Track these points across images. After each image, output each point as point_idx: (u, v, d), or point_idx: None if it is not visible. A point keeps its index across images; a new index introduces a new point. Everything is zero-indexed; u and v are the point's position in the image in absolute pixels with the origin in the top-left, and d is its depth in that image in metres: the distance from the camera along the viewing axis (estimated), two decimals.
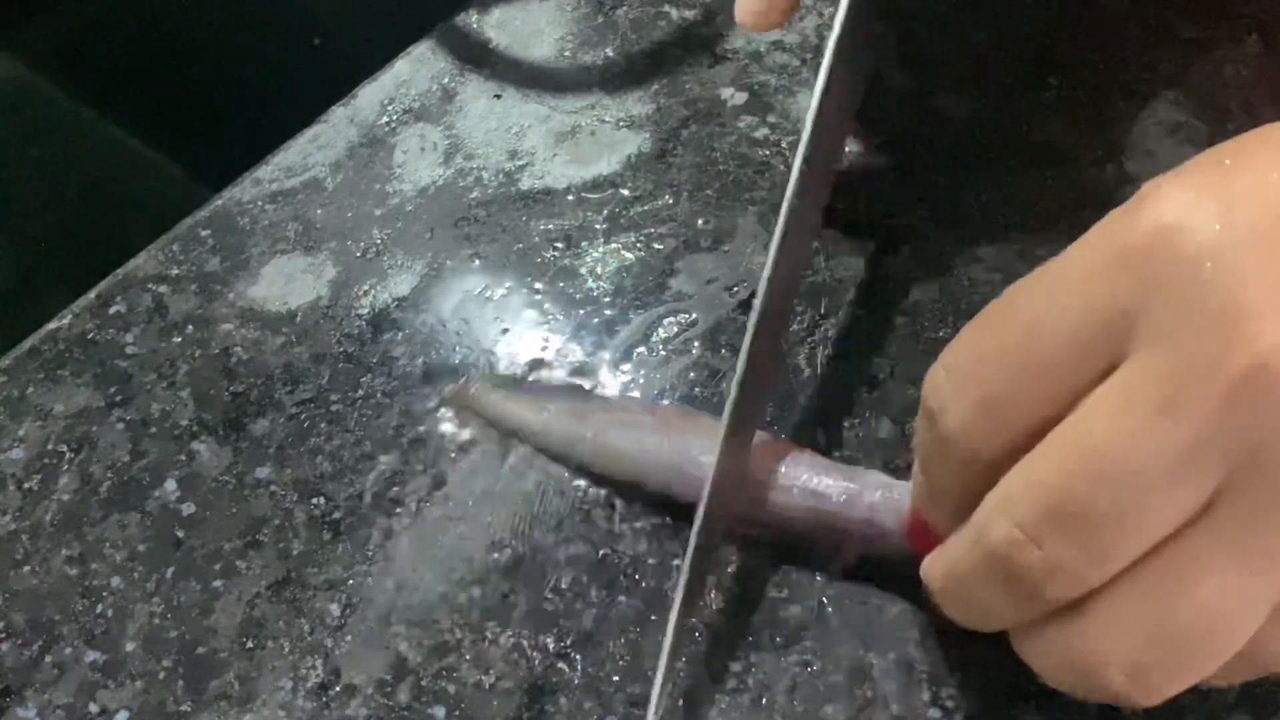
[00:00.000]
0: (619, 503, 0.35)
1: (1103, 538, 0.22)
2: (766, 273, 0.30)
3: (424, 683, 0.32)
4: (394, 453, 0.37)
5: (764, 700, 0.32)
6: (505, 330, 0.39)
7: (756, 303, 0.30)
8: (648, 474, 0.34)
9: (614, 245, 0.41)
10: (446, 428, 0.37)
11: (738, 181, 0.43)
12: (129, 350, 0.39)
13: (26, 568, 0.35)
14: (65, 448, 0.37)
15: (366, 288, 0.41)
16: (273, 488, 0.36)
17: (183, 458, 0.37)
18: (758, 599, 0.33)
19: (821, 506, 0.32)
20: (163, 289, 0.41)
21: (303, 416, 0.38)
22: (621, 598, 0.33)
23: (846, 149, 0.43)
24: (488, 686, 0.32)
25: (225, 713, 0.32)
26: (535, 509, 0.35)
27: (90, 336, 0.40)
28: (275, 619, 0.34)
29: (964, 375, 0.25)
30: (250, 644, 0.33)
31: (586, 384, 0.38)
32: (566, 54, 0.47)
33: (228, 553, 0.35)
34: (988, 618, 0.26)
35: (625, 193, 0.43)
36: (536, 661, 0.33)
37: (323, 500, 0.36)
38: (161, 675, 0.33)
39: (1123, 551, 0.22)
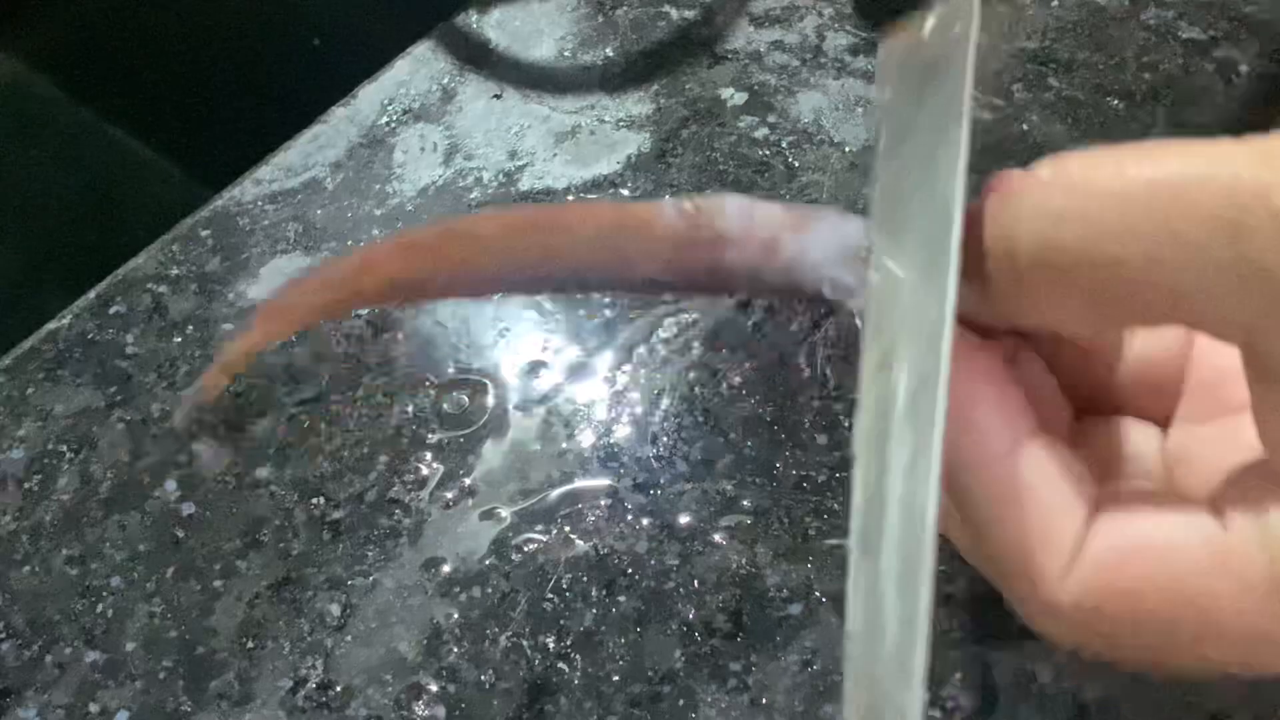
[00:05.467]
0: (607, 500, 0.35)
1: None
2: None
3: (424, 683, 0.32)
4: (394, 453, 0.37)
5: (764, 700, 0.32)
6: (505, 330, 0.39)
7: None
8: None
9: None
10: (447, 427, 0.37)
11: (738, 181, 0.43)
12: (129, 350, 0.39)
13: (26, 568, 0.35)
14: (65, 448, 0.37)
15: None
16: (273, 488, 0.36)
17: (183, 458, 0.37)
18: (758, 599, 0.33)
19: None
20: (163, 289, 0.41)
21: (303, 416, 0.38)
22: (621, 598, 0.33)
23: (846, 149, 0.43)
24: (488, 686, 0.32)
25: (225, 713, 0.32)
26: (535, 508, 0.35)
27: (90, 336, 0.40)
28: (275, 619, 0.34)
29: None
30: (250, 644, 0.33)
31: (587, 385, 0.38)
32: (566, 54, 0.47)
33: (228, 553, 0.35)
34: None
35: (625, 193, 0.43)
36: (536, 661, 0.33)
37: (323, 500, 0.36)
38: (161, 675, 0.33)
39: None
